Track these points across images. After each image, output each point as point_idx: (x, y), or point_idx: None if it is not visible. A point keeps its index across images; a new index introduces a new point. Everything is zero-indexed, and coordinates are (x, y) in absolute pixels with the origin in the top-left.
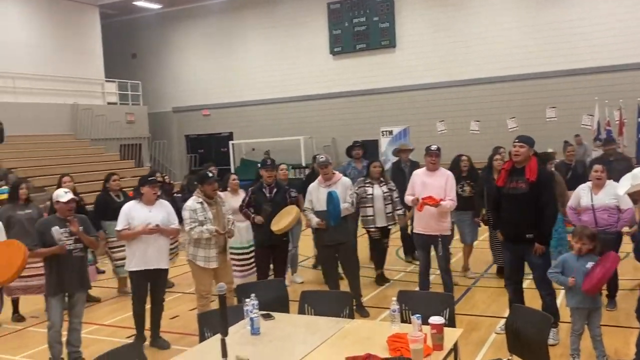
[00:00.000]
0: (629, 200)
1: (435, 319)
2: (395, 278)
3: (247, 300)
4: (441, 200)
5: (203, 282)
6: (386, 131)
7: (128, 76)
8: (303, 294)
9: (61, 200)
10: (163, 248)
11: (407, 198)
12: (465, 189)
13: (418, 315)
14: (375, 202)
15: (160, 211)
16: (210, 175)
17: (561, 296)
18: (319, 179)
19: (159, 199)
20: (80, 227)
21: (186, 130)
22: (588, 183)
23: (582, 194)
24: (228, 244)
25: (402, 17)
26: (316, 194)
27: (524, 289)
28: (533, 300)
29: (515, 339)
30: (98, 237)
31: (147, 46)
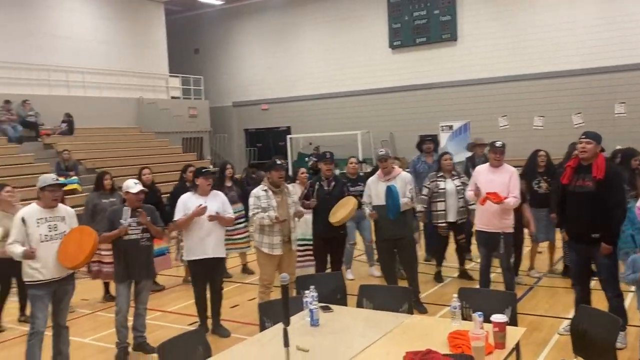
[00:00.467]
0: None
1: (498, 317)
2: (455, 275)
3: (307, 292)
4: (504, 198)
5: (266, 272)
6: (446, 126)
7: (191, 71)
8: (361, 287)
9: (131, 191)
10: (219, 237)
11: (469, 193)
12: (541, 185)
13: (480, 313)
14: (448, 198)
15: (215, 201)
16: (278, 162)
17: (629, 298)
18: (378, 173)
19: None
20: (147, 218)
21: (245, 124)
22: None
23: None
24: (294, 235)
25: (464, 10)
26: (375, 188)
27: (591, 290)
28: (599, 302)
29: (581, 341)
30: (164, 228)
31: (209, 42)
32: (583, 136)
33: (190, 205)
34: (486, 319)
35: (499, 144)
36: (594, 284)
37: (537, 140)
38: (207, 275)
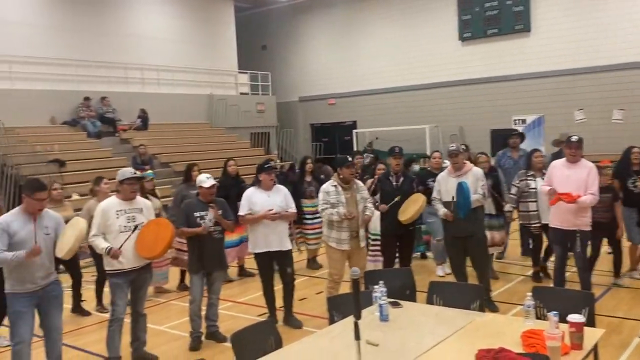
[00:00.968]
0: None
1: (575, 317)
2: (527, 274)
3: (376, 287)
4: (579, 196)
5: (335, 266)
6: (519, 120)
7: (259, 67)
8: (431, 284)
9: (204, 185)
10: (283, 232)
11: (543, 189)
12: (637, 184)
13: (555, 312)
14: (540, 197)
15: (278, 195)
16: (349, 159)
17: None
18: (448, 168)
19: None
20: (219, 211)
21: (311, 119)
22: None
23: None
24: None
25: (539, 0)
26: (445, 184)
27: None
28: None
29: None
30: (235, 221)
31: (277, 38)
32: None
33: (254, 200)
34: (561, 319)
35: (574, 138)
36: None
37: (617, 135)
38: (274, 268)
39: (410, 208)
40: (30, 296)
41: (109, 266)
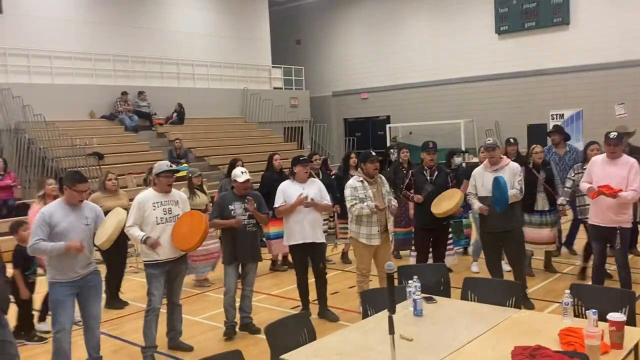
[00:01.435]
0: None
1: (615, 316)
2: (564, 271)
3: (410, 282)
4: (620, 190)
5: (364, 261)
6: (556, 114)
7: (292, 62)
8: (466, 280)
9: (238, 180)
10: (317, 222)
11: (583, 185)
12: None
13: (594, 310)
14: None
15: (313, 188)
16: (373, 154)
17: None
18: (485, 163)
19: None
20: (254, 205)
21: (344, 114)
22: None
23: None
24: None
25: None
26: (481, 178)
27: None
28: None
29: None
30: (269, 215)
31: (310, 32)
32: None
33: (289, 192)
34: (600, 318)
35: (613, 135)
36: None
37: None
38: (308, 260)
39: (445, 202)
40: (70, 285)
41: (145, 257)
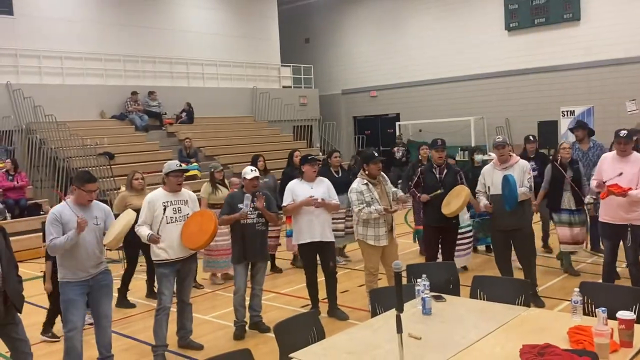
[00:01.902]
0: None
1: (625, 314)
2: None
3: (419, 281)
4: (629, 189)
5: (372, 260)
6: (567, 111)
7: (301, 60)
8: (475, 278)
9: (246, 177)
10: (326, 222)
11: (593, 183)
12: None
13: (603, 309)
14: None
15: (321, 187)
16: (375, 155)
17: None
18: (494, 161)
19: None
20: (263, 202)
21: (354, 112)
22: None
23: None
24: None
25: None
26: (490, 177)
27: None
28: None
29: None
30: (278, 214)
31: (319, 30)
32: None
33: (297, 191)
34: (610, 316)
35: (623, 133)
36: None
37: None
38: (317, 259)
39: (454, 201)
40: (81, 284)
41: (155, 256)
